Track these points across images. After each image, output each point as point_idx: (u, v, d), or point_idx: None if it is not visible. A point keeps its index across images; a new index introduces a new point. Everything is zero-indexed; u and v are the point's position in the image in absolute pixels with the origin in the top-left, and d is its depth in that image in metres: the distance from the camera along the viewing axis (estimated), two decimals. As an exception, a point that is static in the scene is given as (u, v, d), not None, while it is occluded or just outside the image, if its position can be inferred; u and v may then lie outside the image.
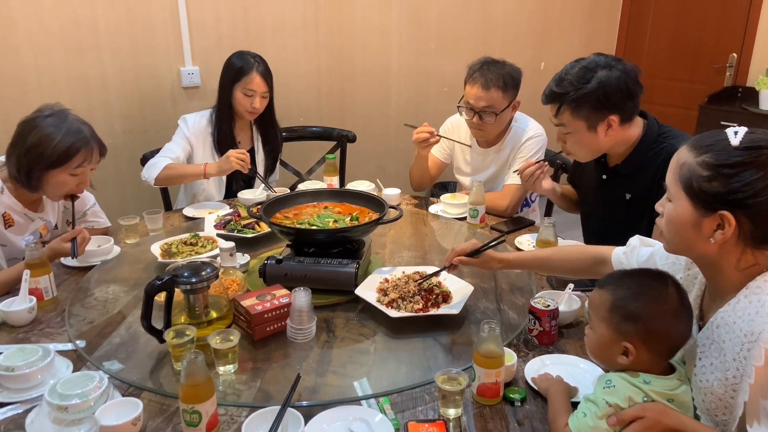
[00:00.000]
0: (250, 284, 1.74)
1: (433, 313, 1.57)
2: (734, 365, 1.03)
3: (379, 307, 1.58)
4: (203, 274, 1.43)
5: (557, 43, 4.36)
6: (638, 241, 1.43)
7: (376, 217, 1.83)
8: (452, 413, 1.22)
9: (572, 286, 1.60)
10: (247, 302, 1.49)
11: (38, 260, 1.66)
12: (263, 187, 2.53)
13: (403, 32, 3.73)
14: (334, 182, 2.58)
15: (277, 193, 2.38)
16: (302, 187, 2.65)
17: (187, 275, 1.42)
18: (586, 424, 1.08)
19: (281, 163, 2.90)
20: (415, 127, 2.40)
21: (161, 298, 1.44)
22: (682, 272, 1.26)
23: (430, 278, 1.66)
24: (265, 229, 2.10)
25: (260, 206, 1.87)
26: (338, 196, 2.04)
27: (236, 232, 2.08)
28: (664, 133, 1.83)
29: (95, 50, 2.83)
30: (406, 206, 2.48)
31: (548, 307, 1.46)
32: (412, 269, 1.76)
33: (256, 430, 1.16)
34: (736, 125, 1.07)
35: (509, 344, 1.47)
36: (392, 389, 1.32)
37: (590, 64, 1.76)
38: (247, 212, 2.09)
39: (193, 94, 3.15)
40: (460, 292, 1.66)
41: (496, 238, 1.65)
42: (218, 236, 2.05)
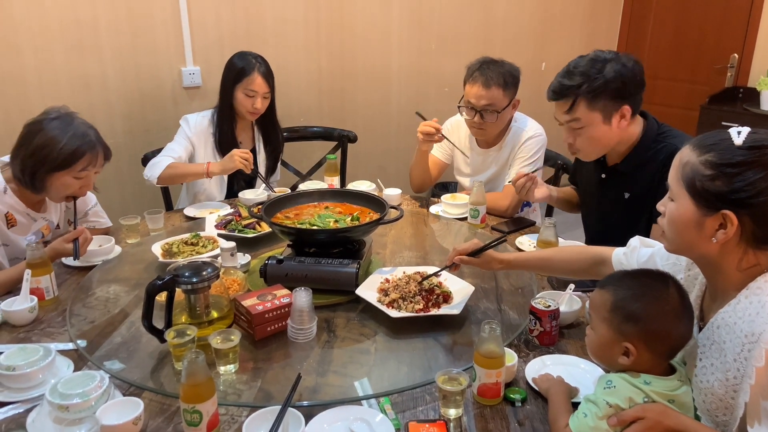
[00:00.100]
0: (251, 284, 1.74)
1: (433, 313, 1.57)
2: (735, 366, 1.03)
3: (379, 307, 1.58)
4: (204, 274, 1.43)
5: (558, 43, 4.35)
6: (638, 241, 1.43)
7: (376, 217, 1.83)
8: (453, 413, 1.22)
9: (573, 286, 1.60)
10: (248, 302, 1.49)
11: (39, 260, 1.67)
12: (264, 187, 2.53)
13: (403, 32, 3.73)
14: (334, 182, 2.58)
15: (277, 193, 2.38)
16: (303, 187, 2.65)
17: (188, 275, 1.42)
18: (586, 424, 1.08)
19: (282, 163, 2.90)
20: (425, 118, 2.39)
21: (162, 297, 1.45)
22: (682, 273, 1.26)
23: (430, 277, 1.67)
24: (265, 229, 2.10)
25: (261, 206, 1.87)
26: (339, 196, 2.04)
27: (237, 232, 2.09)
28: (663, 132, 1.83)
29: (96, 50, 2.83)
30: (406, 206, 2.48)
31: (549, 307, 1.46)
32: (412, 269, 1.76)
33: (256, 429, 1.16)
34: (737, 126, 1.07)
35: (510, 344, 1.47)
36: (393, 389, 1.32)
37: (596, 56, 1.75)
38: (248, 212, 2.09)
39: (194, 94, 3.15)
40: (460, 292, 1.66)
41: (497, 238, 1.65)
42: (219, 236, 2.05)
